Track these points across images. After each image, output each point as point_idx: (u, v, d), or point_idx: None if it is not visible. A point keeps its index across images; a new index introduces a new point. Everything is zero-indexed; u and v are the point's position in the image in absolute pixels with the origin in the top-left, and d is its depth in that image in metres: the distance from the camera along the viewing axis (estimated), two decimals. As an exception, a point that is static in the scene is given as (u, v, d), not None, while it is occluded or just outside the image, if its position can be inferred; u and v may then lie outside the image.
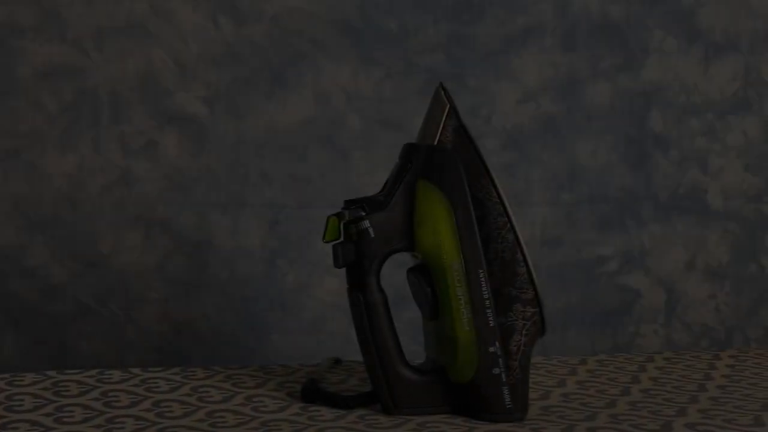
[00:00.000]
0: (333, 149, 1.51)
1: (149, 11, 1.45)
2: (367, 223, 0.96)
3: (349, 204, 0.98)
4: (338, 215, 0.98)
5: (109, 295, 1.46)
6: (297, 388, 1.04)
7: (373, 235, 0.96)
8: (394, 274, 1.06)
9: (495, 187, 0.96)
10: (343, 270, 0.99)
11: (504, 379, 0.95)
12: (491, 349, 0.94)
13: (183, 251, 1.48)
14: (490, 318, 0.94)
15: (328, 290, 1.52)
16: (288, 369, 1.12)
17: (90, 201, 1.45)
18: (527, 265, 0.95)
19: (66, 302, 1.45)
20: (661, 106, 1.58)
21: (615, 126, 1.57)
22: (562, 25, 1.56)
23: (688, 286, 1.61)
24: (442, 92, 0.98)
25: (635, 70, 1.58)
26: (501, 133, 1.55)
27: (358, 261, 0.97)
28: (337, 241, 0.98)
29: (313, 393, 1.01)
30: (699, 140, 1.60)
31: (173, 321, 1.48)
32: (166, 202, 1.47)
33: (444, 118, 0.97)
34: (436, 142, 0.97)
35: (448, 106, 0.97)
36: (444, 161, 0.96)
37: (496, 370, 0.95)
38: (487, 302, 0.94)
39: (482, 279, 0.95)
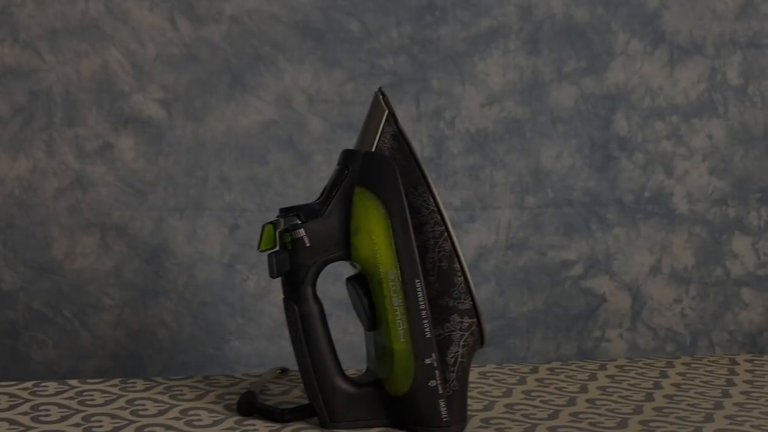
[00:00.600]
0: (294, 152, 1.48)
1: (104, 11, 1.41)
2: (302, 232, 0.93)
3: (285, 212, 0.94)
4: (274, 223, 0.95)
5: (63, 301, 1.42)
6: (237, 400, 1.00)
7: (308, 244, 0.93)
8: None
9: (432, 195, 0.92)
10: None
11: (440, 392, 0.91)
12: (427, 361, 0.91)
13: (140, 256, 1.44)
14: (427, 329, 0.91)
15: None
16: (232, 379, 1.08)
17: (43, 205, 1.41)
18: (465, 275, 0.92)
19: (18, 309, 1.41)
20: (625, 109, 1.53)
21: (580, 129, 1.52)
22: (526, 27, 1.52)
23: (654, 290, 1.57)
24: (381, 98, 0.95)
25: (600, 73, 1.52)
26: (465, 136, 1.51)
27: (292, 271, 0.93)
28: (273, 250, 0.94)
29: (249, 405, 0.97)
30: (664, 144, 1.54)
31: (129, 328, 1.44)
32: (122, 206, 1.43)
33: (382, 124, 0.94)
34: (373, 149, 0.93)
35: (387, 111, 0.94)
36: (381, 168, 0.92)
37: (433, 383, 0.91)
38: (424, 313, 0.91)
39: (419, 289, 0.91)
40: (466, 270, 0.92)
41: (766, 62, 1.56)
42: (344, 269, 1.01)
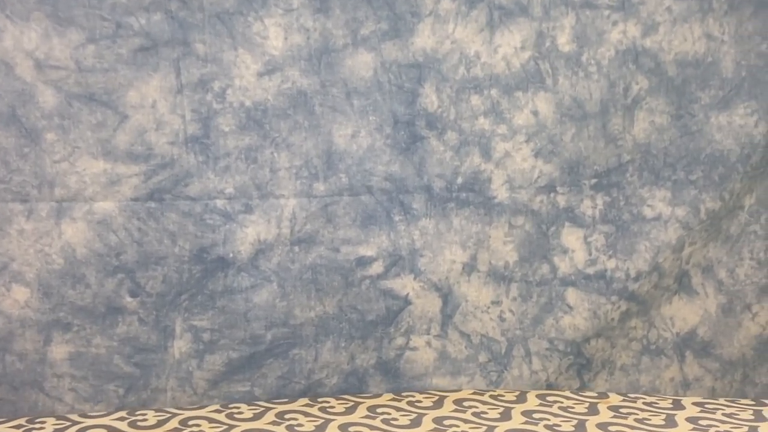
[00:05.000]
0: (19, 130, 1.15)
1: None
2: None
3: None
4: None
5: None
6: None
7: None
8: None
9: None
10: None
11: None
12: None
13: None
14: None
15: (15, 302, 1.13)
16: None
17: None
18: None
19: None
20: (435, 80, 1.26)
21: (380, 104, 1.25)
22: (313, -19, 1.18)
23: (468, 291, 1.31)
24: None
25: (404, 37, 1.24)
26: (239, 111, 1.21)
27: None
28: None
29: None
30: (481, 121, 1.27)
31: None
32: None
33: None
34: None
35: None
36: None
37: None
38: None
39: None
40: None
41: (603, 25, 1.28)
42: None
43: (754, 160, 1.28)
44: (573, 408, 1.13)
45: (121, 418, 1.06)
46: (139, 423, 1.06)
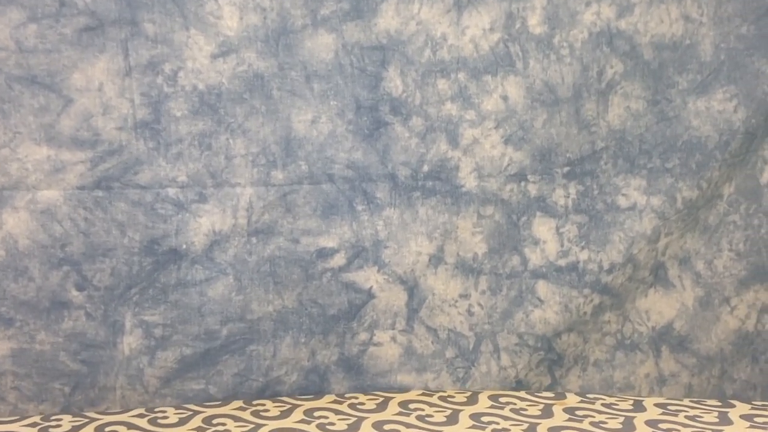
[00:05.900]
0: (-44, 115, 1.07)
1: None
2: None
3: None
4: None
5: None
6: None
7: None
8: None
9: None
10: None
11: None
12: None
13: None
14: None
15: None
16: None
17: None
18: None
19: None
20: (400, 63, 1.21)
21: (342, 88, 1.20)
22: (269, -43, 1.12)
23: (435, 284, 1.25)
24: None
25: (367, 18, 1.20)
26: (192, 95, 1.17)
27: None
28: None
29: None
30: (448, 106, 1.22)
31: None
32: None
33: None
34: None
35: None
36: None
37: None
38: None
39: None
40: None
41: (576, 6, 1.25)
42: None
43: (732, 148, 1.23)
44: (526, 410, 1.07)
45: (33, 424, 1.00)
46: (51, 429, 1.00)
